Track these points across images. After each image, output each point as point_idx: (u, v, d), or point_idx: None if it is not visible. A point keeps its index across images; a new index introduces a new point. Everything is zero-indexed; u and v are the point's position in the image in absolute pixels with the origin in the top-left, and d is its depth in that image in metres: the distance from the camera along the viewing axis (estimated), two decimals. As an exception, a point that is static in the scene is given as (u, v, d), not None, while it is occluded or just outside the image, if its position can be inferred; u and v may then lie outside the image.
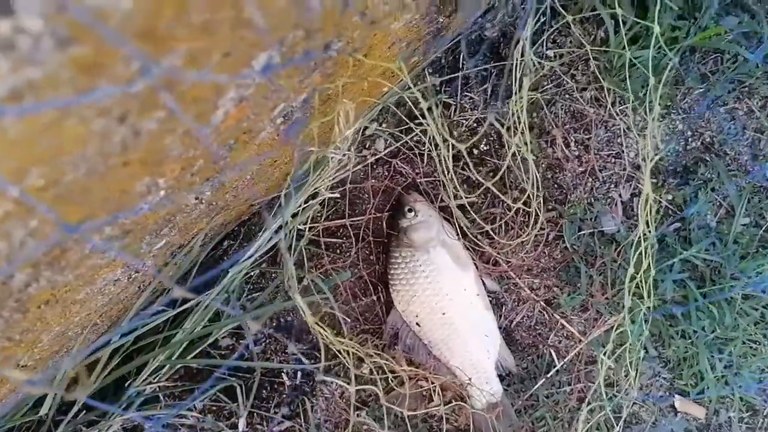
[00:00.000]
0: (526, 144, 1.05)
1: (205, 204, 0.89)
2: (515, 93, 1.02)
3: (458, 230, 1.50)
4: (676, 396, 1.56)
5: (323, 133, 0.99)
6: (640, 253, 1.47)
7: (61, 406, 1.28)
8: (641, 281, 1.18)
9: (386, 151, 1.53)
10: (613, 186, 1.56)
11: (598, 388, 1.22)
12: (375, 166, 1.54)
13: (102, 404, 0.52)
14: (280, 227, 1.21)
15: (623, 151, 1.56)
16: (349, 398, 1.51)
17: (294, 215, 1.18)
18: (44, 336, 0.80)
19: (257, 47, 0.53)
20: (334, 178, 1.02)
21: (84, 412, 1.30)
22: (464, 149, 0.93)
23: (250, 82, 0.58)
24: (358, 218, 1.53)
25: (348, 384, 1.27)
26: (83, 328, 1.00)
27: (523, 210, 1.52)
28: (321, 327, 0.98)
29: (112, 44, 0.36)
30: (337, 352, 1.13)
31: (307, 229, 1.48)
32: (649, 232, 1.19)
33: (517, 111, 1.05)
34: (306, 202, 1.07)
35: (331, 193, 1.03)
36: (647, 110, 1.56)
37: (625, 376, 1.42)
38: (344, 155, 0.93)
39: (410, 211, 1.47)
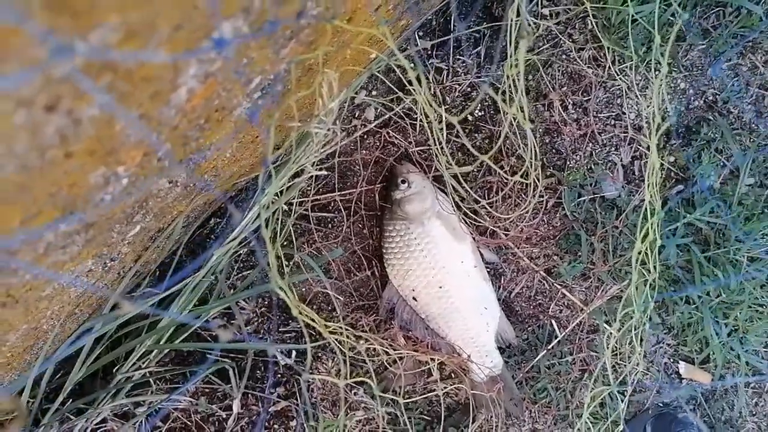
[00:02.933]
0: (522, 111, 0.98)
1: (181, 187, 0.82)
2: (510, 56, 0.94)
3: (453, 201, 1.43)
4: (681, 362, 1.52)
5: (306, 105, 0.92)
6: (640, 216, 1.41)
7: (48, 393, 1.23)
8: (648, 253, 1.12)
9: (378, 122, 1.45)
10: (613, 149, 1.49)
11: (602, 367, 1.17)
12: (366, 137, 1.46)
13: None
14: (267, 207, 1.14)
15: (623, 113, 1.49)
16: (346, 376, 1.46)
17: (280, 193, 1.12)
18: (10, 336, 0.73)
19: (215, 18, 0.45)
20: (321, 153, 0.95)
21: (71, 400, 1.24)
22: (457, 123, 0.86)
23: (213, 57, 0.51)
24: (349, 191, 1.46)
25: (338, 377, 1.22)
26: (59, 320, 0.94)
27: (524, 182, 1.45)
28: (307, 314, 0.91)
29: (10, 21, 0.29)
30: (327, 337, 1.06)
31: (296, 204, 1.41)
32: (656, 202, 1.12)
33: (512, 76, 0.98)
34: (293, 179, 1.00)
35: (318, 170, 0.96)
36: (650, 70, 1.48)
37: (629, 344, 1.37)
38: (329, 130, 0.86)
39: (403, 182, 1.40)
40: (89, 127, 0.43)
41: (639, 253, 1.02)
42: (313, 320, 0.94)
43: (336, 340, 1.20)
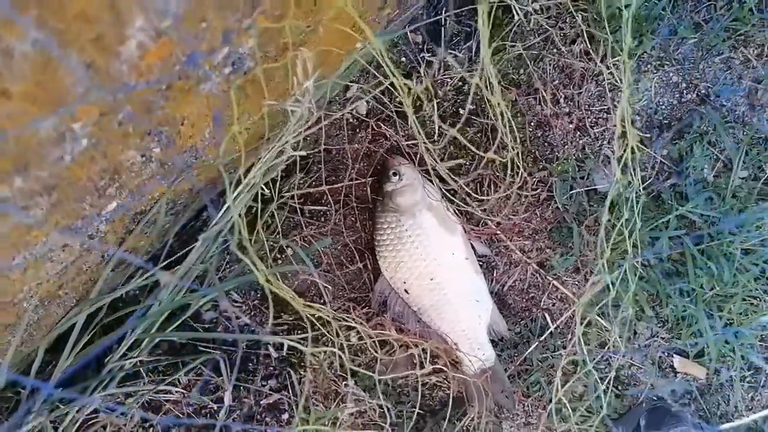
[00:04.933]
0: (490, 86, 0.96)
1: (156, 163, 0.81)
2: (483, 42, 0.93)
3: (444, 193, 1.41)
4: (675, 356, 1.48)
5: (281, 84, 0.91)
6: (619, 205, 1.38)
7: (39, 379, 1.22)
8: (624, 232, 1.09)
9: (375, 118, 1.45)
10: (605, 142, 1.47)
11: (581, 346, 1.14)
12: (357, 130, 1.46)
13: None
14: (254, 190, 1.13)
15: (616, 106, 1.47)
16: (337, 369, 1.44)
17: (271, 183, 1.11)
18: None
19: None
20: (300, 135, 0.94)
21: (60, 389, 1.23)
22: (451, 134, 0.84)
23: (159, 7, 0.50)
24: (340, 184, 1.44)
25: (330, 368, 1.20)
26: (41, 300, 0.93)
27: (513, 170, 1.43)
28: (283, 291, 0.90)
29: None
30: (300, 311, 1.05)
31: (288, 198, 1.41)
32: (629, 181, 1.10)
33: (485, 62, 0.96)
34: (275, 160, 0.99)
35: (300, 152, 0.95)
36: (642, 64, 1.46)
37: (617, 335, 1.33)
38: (307, 109, 0.85)
39: (395, 174, 1.38)
40: (24, 64, 0.42)
41: (608, 220, 1.00)
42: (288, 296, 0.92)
43: (324, 328, 1.19)
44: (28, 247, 0.70)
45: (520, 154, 1.28)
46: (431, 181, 1.39)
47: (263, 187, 1.04)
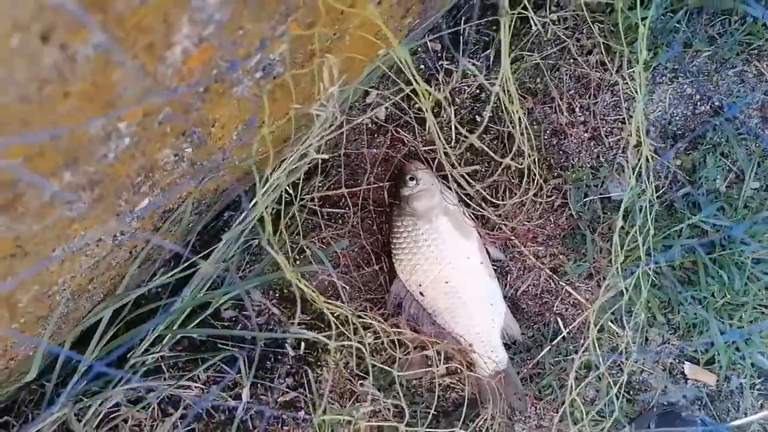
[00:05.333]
0: (508, 95, 0.99)
1: (187, 163, 0.85)
2: (504, 51, 0.96)
3: (461, 198, 1.44)
4: (686, 363, 1.50)
5: (309, 93, 0.94)
6: (632, 213, 1.41)
7: (60, 377, 1.25)
8: (638, 239, 1.12)
9: (393, 124, 1.48)
10: (620, 152, 1.50)
11: (590, 347, 1.17)
12: (376, 135, 1.49)
13: (109, 369, 0.48)
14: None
15: (631, 116, 1.49)
16: (353, 368, 1.47)
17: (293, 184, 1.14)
18: (21, 294, 0.76)
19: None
20: (322, 138, 0.97)
21: (85, 382, 1.27)
22: (472, 140, 0.87)
23: (204, 18, 0.54)
24: (358, 188, 1.48)
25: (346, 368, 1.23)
26: (72, 293, 0.97)
27: (526, 176, 1.46)
28: (307, 288, 0.93)
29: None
30: (320, 305, 1.08)
31: (307, 200, 1.44)
32: (643, 189, 1.13)
33: (505, 70, 0.99)
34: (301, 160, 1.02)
35: (322, 155, 0.98)
36: (657, 75, 1.49)
37: (630, 340, 1.36)
38: (331, 113, 0.88)
39: (412, 179, 1.41)
40: (85, 66, 0.46)
41: (622, 227, 1.02)
42: (310, 291, 0.95)
43: (344, 328, 1.22)
44: (67, 240, 0.73)
45: (536, 161, 1.30)
46: (448, 187, 1.42)
47: (286, 188, 1.07)
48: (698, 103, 1.52)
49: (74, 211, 0.66)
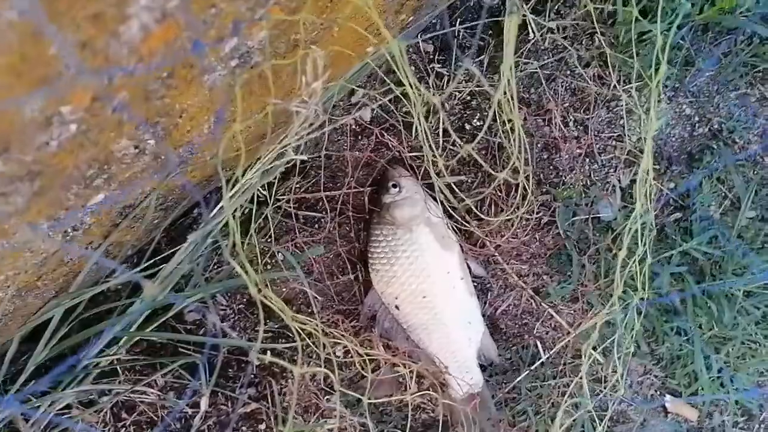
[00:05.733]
0: (511, 100, 0.93)
1: (150, 155, 0.77)
2: (508, 52, 0.90)
3: (445, 209, 1.38)
4: (668, 396, 1.44)
5: (289, 87, 0.87)
6: (635, 238, 1.35)
7: (6, 376, 1.17)
8: (635, 268, 1.06)
9: (378, 126, 1.41)
10: (612, 170, 1.44)
11: (580, 382, 1.10)
12: (360, 137, 1.42)
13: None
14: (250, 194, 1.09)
15: (625, 134, 1.44)
16: (320, 382, 1.39)
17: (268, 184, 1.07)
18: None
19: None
20: (302, 138, 0.90)
21: (33, 382, 1.18)
22: (467, 150, 0.81)
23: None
24: (337, 192, 1.40)
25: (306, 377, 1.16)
26: (18, 290, 0.88)
27: (514, 191, 1.40)
28: (273, 302, 0.86)
29: None
30: (287, 320, 1.00)
31: (283, 201, 1.37)
32: (646, 213, 1.07)
33: (504, 72, 0.93)
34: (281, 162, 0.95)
35: (301, 156, 0.91)
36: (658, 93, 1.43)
37: (613, 372, 1.30)
38: (313, 111, 0.81)
39: (395, 186, 1.34)
40: (9, 33, 0.38)
41: (624, 266, 0.96)
42: (273, 303, 0.88)
43: (310, 339, 1.14)
44: (5, 237, 0.65)
45: (531, 176, 1.24)
46: (433, 197, 1.35)
47: (260, 188, 1.00)
48: (697, 125, 1.47)
49: (10, 205, 0.58)
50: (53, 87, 0.44)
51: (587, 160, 1.43)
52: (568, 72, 1.41)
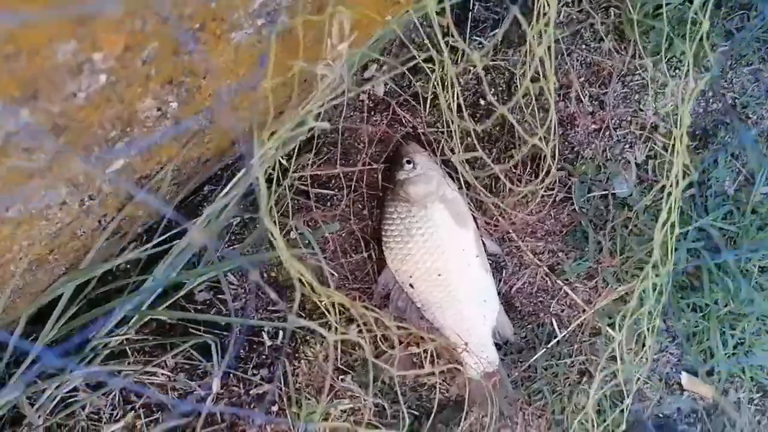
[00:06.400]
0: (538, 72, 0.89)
1: (171, 120, 0.73)
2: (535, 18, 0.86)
3: (460, 186, 1.34)
4: (684, 373, 1.42)
5: (311, 48, 0.83)
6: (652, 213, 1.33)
7: (12, 356, 1.12)
8: (669, 240, 1.03)
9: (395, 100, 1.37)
10: (628, 146, 1.41)
11: (607, 358, 1.08)
12: (373, 113, 1.38)
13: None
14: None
15: (641, 110, 1.41)
16: (334, 363, 1.36)
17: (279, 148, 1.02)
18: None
19: None
20: (324, 105, 0.86)
21: (39, 364, 1.14)
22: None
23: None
24: (351, 169, 1.37)
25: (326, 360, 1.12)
26: (30, 263, 0.84)
27: (530, 166, 1.37)
28: (300, 271, 0.82)
29: None
30: (317, 302, 0.97)
31: (294, 176, 1.33)
32: (677, 186, 1.04)
33: (533, 38, 0.89)
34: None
35: (322, 123, 0.87)
36: (671, 68, 1.40)
37: (635, 351, 1.27)
38: (338, 75, 0.77)
39: (409, 162, 1.31)
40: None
41: (663, 225, 0.93)
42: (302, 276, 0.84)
43: (329, 315, 1.11)
44: (24, 200, 0.61)
45: (557, 146, 1.20)
46: (448, 173, 1.32)
47: (279, 161, 0.96)
48: (711, 101, 1.44)
49: (33, 162, 0.54)
50: (91, 32, 0.40)
51: (603, 135, 1.39)
52: (584, 46, 1.38)
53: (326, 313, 0.96)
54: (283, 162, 1.27)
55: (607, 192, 1.38)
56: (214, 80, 0.72)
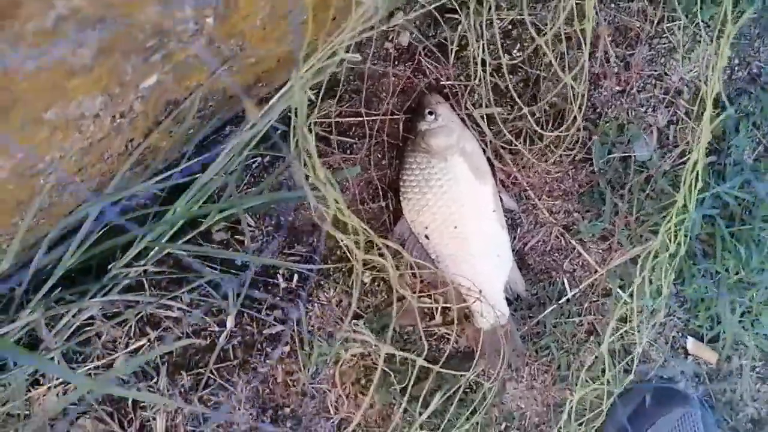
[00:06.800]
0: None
1: (205, 38, 0.73)
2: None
3: (481, 141, 1.34)
4: (689, 338, 1.43)
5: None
6: (673, 180, 1.33)
7: (31, 282, 1.13)
8: (688, 201, 1.02)
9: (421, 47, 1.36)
10: (650, 110, 1.40)
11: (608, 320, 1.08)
12: (396, 63, 1.37)
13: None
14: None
15: (666, 74, 1.39)
16: (346, 308, 1.37)
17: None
18: (2, 160, 0.64)
19: None
20: (355, 36, 0.85)
21: (60, 289, 1.15)
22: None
23: None
24: (373, 117, 1.36)
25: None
26: (58, 183, 0.84)
27: (552, 124, 1.36)
28: (335, 197, 0.82)
29: None
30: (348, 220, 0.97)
31: (315, 121, 1.32)
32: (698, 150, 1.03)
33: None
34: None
35: (352, 55, 0.87)
36: (699, 31, 1.38)
37: (643, 312, 1.28)
38: (373, 4, 0.77)
39: (431, 113, 1.30)
40: None
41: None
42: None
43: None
44: (63, 101, 0.61)
45: (585, 97, 1.19)
46: (472, 127, 1.31)
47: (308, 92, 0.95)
48: (736, 68, 1.42)
49: (77, 59, 0.54)
50: None
51: (626, 98, 1.38)
52: (613, 5, 1.36)
53: (345, 248, 0.96)
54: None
55: (627, 154, 1.38)
56: (250, 2, 0.72)
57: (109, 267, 1.20)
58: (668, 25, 1.37)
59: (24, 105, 0.54)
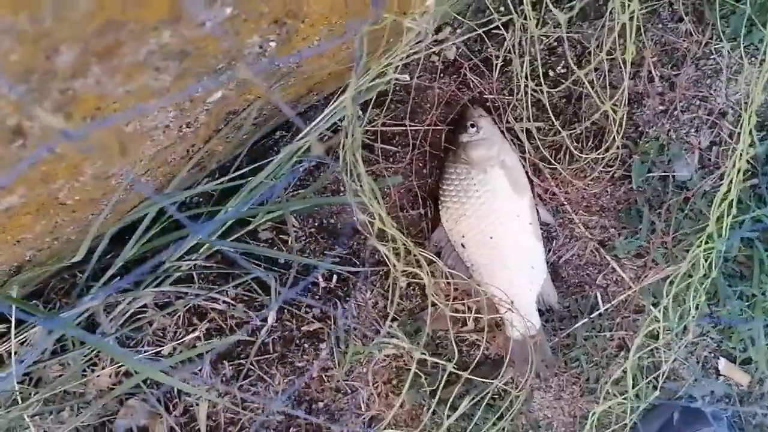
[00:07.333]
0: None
1: (268, 59, 0.81)
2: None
3: (521, 154, 1.40)
4: (721, 359, 1.46)
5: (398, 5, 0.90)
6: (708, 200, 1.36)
7: (93, 271, 1.24)
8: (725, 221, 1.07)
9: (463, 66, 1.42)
10: (693, 131, 1.44)
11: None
12: (442, 76, 1.44)
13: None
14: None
15: (711, 95, 1.43)
16: (382, 310, 1.44)
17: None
18: (86, 165, 0.73)
19: None
20: (404, 58, 0.92)
21: (118, 278, 1.26)
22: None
23: None
24: (416, 127, 1.43)
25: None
26: (131, 182, 0.94)
27: (592, 141, 1.41)
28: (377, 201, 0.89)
29: None
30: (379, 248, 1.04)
31: (363, 129, 1.40)
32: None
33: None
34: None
35: (401, 76, 0.94)
36: (748, 54, 1.41)
37: (676, 333, 1.32)
38: (425, 29, 0.84)
39: (473, 126, 1.37)
40: None
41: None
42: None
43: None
44: (144, 117, 0.70)
45: (624, 118, 1.24)
46: (513, 142, 1.38)
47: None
48: (782, 93, 1.45)
49: (158, 82, 0.63)
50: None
51: (668, 117, 1.42)
52: (660, 25, 1.40)
53: (386, 257, 1.03)
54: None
55: (667, 174, 1.42)
56: (311, 26, 0.79)
57: (164, 260, 1.30)
58: (716, 46, 1.41)
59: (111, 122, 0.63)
